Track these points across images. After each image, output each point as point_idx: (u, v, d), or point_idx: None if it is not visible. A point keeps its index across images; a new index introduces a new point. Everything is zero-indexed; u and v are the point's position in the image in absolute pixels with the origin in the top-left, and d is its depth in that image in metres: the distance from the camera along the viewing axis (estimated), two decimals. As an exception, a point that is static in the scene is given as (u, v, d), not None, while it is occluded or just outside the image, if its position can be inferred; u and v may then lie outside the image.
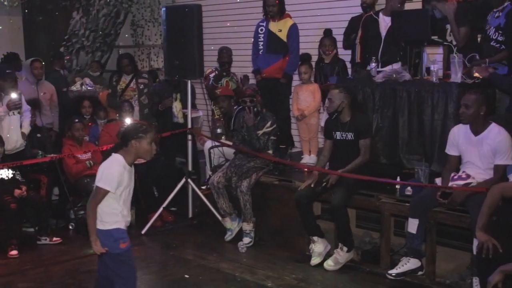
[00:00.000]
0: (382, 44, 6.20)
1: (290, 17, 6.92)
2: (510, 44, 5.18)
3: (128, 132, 3.84)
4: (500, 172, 4.60)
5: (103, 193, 3.75)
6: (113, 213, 3.80)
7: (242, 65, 7.94)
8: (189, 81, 6.82)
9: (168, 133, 6.95)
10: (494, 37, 5.47)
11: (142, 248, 5.98)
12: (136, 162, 6.60)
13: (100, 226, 3.80)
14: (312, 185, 5.37)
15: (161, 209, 6.48)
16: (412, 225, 4.81)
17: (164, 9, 6.84)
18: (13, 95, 6.15)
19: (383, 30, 6.23)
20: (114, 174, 3.74)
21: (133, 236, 6.25)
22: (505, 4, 5.46)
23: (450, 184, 4.72)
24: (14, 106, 6.15)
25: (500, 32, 5.34)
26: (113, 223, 3.81)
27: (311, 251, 5.47)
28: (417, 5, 6.84)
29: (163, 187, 6.84)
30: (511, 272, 3.58)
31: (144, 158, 3.95)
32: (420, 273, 4.88)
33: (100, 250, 3.79)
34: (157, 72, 9.35)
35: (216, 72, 7.35)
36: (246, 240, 5.93)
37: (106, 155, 3.87)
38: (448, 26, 5.84)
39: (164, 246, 6.04)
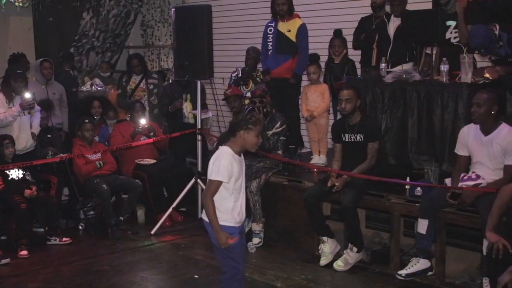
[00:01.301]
0: (391, 44, 6.19)
1: (299, 17, 6.91)
2: None
3: (237, 123, 3.92)
4: (510, 172, 4.57)
5: (215, 185, 3.82)
6: (223, 211, 3.88)
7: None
8: (198, 82, 6.83)
9: (178, 133, 6.96)
10: None
11: (152, 248, 6.01)
12: (145, 162, 6.79)
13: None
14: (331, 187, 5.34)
15: (170, 209, 6.50)
16: (422, 225, 4.80)
17: (174, 9, 6.84)
18: (27, 95, 6.19)
19: (392, 31, 6.23)
20: (224, 165, 3.82)
21: (142, 236, 6.34)
22: None
23: (460, 184, 4.71)
24: (28, 106, 6.19)
25: None
26: (223, 220, 3.88)
27: (320, 252, 5.46)
28: (427, 5, 6.82)
29: (173, 188, 6.86)
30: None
31: (250, 150, 4.03)
32: (429, 273, 4.88)
33: (228, 244, 3.87)
34: (165, 72, 9.37)
35: (240, 73, 7.36)
36: (256, 240, 5.93)
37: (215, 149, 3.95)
38: (449, 23, 5.82)
39: (173, 246, 6.06)
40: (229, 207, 3.89)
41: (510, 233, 4.15)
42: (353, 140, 5.46)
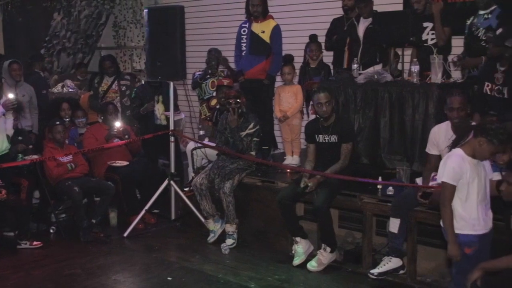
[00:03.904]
0: (361, 46, 6.25)
1: (273, 18, 6.92)
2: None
3: (487, 128, 3.75)
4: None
5: (447, 188, 3.76)
6: (459, 217, 3.79)
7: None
8: (171, 83, 6.81)
9: (150, 135, 6.93)
10: (483, 38, 5.57)
11: (125, 251, 5.95)
12: (117, 164, 6.74)
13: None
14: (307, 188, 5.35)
15: (143, 211, 6.45)
16: (394, 224, 4.84)
17: (146, 10, 6.81)
18: (10, 95, 6.16)
19: (361, 33, 6.28)
20: (454, 165, 3.75)
21: (115, 239, 6.28)
22: (493, 7, 5.60)
23: (430, 183, 4.75)
24: (11, 106, 6.12)
25: (490, 33, 5.40)
26: (460, 228, 3.78)
27: (293, 252, 5.48)
28: (398, 6, 6.91)
29: (146, 189, 6.82)
30: (490, 269, 3.61)
31: (477, 158, 3.83)
32: (401, 272, 4.92)
33: (455, 256, 3.77)
34: (135, 74, 9.32)
35: (202, 71, 7.41)
36: (229, 241, 5.92)
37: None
38: (425, 25, 5.90)
39: (146, 248, 6.01)
40: (466, 212, 3.83)
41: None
42: (327, 141, 5.48)
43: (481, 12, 5.64)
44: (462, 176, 3.76)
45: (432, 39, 5.90)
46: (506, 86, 5.02)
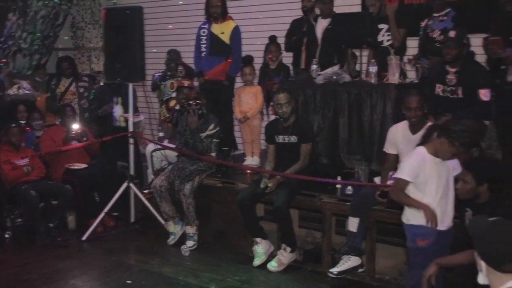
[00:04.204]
0: (319, 47, 6.30)
1: (233, 19, 6.92)
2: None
3: (450, 130, 3.80)
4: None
5: (400, 183, 3.88)
6: (415, 210, 3.87)
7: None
8: (130, 84, 6.74)
9: (109, 137, 6.84)
10: (438, 39, 5.68)
11: (83, 255, 5.87)
12: (75, 167, 6.64)
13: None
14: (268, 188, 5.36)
15: (102, 214, 6.36)
16: (353, 223, 4.88)
17: (104, 11, 6.73)
18: None
19: (319, 33, 6.33)
20: (413, 162, 3.85)
21: (73, 242, 6.18)
22: (448, 9, 5.72)
23: (388, 182, 4.80)
24: None
25: (446, 34, 5.49)
26: (413, 219, 3.91)
27: (254, 253, 5.48)
28: (356, 8, 6.98)
29: (105, 192, 6.72)
30: (445, 265, 3.67)
31: (440, 158, 3.87)
32: (360, 270, 4.96)
33: (432, 217, 3.82)
34: (94, 75, 9.20)
35: (162, 73, 7.35)
36: (190, 243, 5.89)
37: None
38: (381, 26, 5.99)
39: (105, 251, 5.92)
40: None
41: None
42: (287, 141, 5.50)
43: (436, 14, 5.76)
44: (419, 174, 3.84)
45: (388, 40, 5.99)
46: (460, 86, 5.12)
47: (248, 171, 6.29)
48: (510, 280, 2.26)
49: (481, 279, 2.39)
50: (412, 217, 3.93)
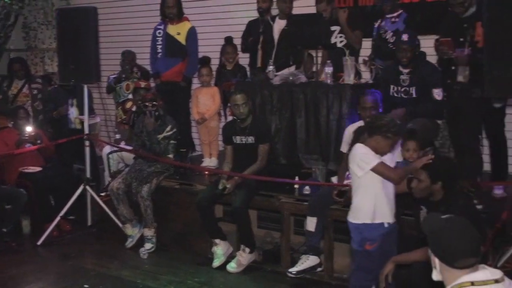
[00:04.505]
0: (275, 47, 6.34)
1: (188, 20, 6.90)
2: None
3: (379, 126, 3.80)
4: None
5: (382, 166, 3.77)
6: (357, 208, 3.87)
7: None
8: (85, 86, 6.65)
9: (64, 139, 6.73)
10: (391, 41, 5.78)
11: (39, 260, 5.76)
12: (30, 170, 6.51)
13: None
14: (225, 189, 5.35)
15: (58, 218, 6.25)
16: (311, 223, 4.92)
17: (57, 11, 6.63)
18: None
19: (276, 34, 6.37)
20: (367, 151, 3.79)
21: (28, 247, 6.06)
22: (400, 11, 5.84)
23: (345, 182, 4.86)
24: None
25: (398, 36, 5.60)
26: (360, 218, 3.85)
27: (213, 254, 5.47)
28: (312, 9, 7.02)
29: (60, 196, 6.60)
30: (402, 262, 3.74)
31: (382, 154, 3.86)
32: (319, 269, 5.01)
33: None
34: (50, 76, 9.03)
35: (117, 74, 7.28)
36: (148, 245, 5.84)
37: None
38: (333, 28, 6.08)
39: (61, 256, 5.83)
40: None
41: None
42: (244, 142, 5.52)
43: (388, 15, 5.87)
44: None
45: (341, 41, 6.07)
46: (414, 86, 5.23)
47: (206, 172, 6.28)
48: (462, 276, 2.32)
49: (435, 275, 2.45)
50: (359, 215, 3.90)
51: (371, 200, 3.84)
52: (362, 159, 3.81)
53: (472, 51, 4.90)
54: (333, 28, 6.11)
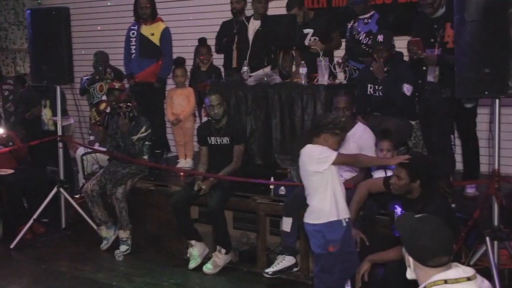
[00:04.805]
0: (250, 48, 6.36)
1: (162, 21, 6.88)
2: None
3: (325, 124, 3.80)
4: (365, 169, 4.85)
5: (340, 156, 3.81)
6: (315, 208, 3.87)
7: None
8: (58, 87, 6.59)
9: (37, 141, 6.66)
10: (364, 42, 5.86)
11: (12, 263, 5.70)
12: (1, 173, 6.43)
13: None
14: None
15: (31, 221, 6.18)
16: (286, 223, 4.92)
17: (28, 11, 6.55)
18: None
19: (251, 34, 6.39)
20: (320, 149, 3.79)
21: (1, 251, 5.98)
22: (372, 12, 5.89)
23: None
24: None
25: (371, 37, 5.66)
26: (318, 218, 3.85)
27: (189, 255, 5.46)
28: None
29: (33, 198, 6.54)
30: (377, 261, 3.79)
31: None
32: (295, 269, 5.01)
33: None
34: (24, 77, 8.93)
35: (90, 76, 7.22)
36: (123, 247, 5.81)
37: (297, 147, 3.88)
38: (306, 31, 6.12)
39: (35, 259, 5.76)
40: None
41: (367, 227, 4.42)
42: (219, 142, 5.52)
43: (361, 17, 5.92)
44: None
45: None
46: (390, 84, 5.29)
47: (181, 173, 6.26)
48: (436, 274, 2.36)
49: (409, 274, 2.49)
50: (317, 216, 3.90)
51: (331, 197, 3.85)
52: (319, 157, 3.82)
53: (442, 51, 4.96)
54: (306, 31, 6.15)
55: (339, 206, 3.88)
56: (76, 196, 6.49)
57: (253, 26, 6.40)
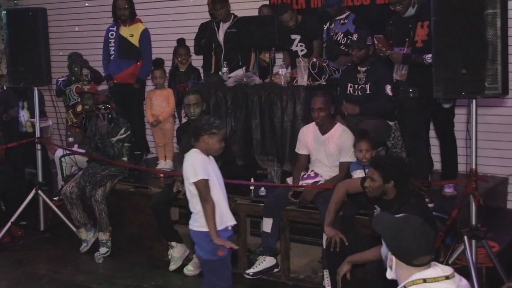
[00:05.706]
0: (223, 50, 6.37)
1: (141, 22, 6.85)
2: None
3: (201, 127, 3.79)
4: (345, 169, 4.87)
5: (204, 184, 3.72)
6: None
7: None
8: (36, 88, 6.53)
9: (15, 143, 6.59)
10: (343, 42, 5.90)
11: (-11, 267, 5.65)
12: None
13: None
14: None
15: (9, 223, 6.12)
16: (267, 224, 4.95)
17: (4, 12, 6.49)
18: None
19: (221, 37, 6.42)
20: (200, 163, 3.74)
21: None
22: (347, 12, 5.93)
23: (300, 183, 4.93)
24: None
25: (349, 37, 5.69)
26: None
27: (170, 257, 5.45)
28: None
29: (11, 200, 6.49)
30: (357, 262, 3.81)
31: (214, 154, 3.90)
32: (275, 270, 5.03)
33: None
34: (1, 79, 8.82)
35: (66, 77, 7.16)
36: (103, 250, 5.78)
37: (181, 153, 3.75)
38: (293, 37, 6.14)
39: (14, 262, 5.72)
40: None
41: (346, 227, 4.44)
42: (198, 143, 5.50)
43: (337, 17, 5.95)
44: (209, 172, 3.82)
45: (301, 50, 6.13)
46: (369, 82, 5.32)
47: (161, 175, 6.24)
48: (417, 273, 2.38)
49: (389, 274, 2.51)
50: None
51: (217, 204, 3.81)
52: (195, 169, 3.78)
53: (412, 51, 4.98)
54: (293, 36, 6.17)
55: (225, 212, 3.88)
56: (55, 198, 6.43)
57: (223, 28, 6.42)
